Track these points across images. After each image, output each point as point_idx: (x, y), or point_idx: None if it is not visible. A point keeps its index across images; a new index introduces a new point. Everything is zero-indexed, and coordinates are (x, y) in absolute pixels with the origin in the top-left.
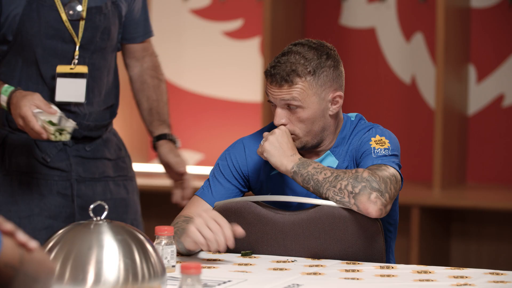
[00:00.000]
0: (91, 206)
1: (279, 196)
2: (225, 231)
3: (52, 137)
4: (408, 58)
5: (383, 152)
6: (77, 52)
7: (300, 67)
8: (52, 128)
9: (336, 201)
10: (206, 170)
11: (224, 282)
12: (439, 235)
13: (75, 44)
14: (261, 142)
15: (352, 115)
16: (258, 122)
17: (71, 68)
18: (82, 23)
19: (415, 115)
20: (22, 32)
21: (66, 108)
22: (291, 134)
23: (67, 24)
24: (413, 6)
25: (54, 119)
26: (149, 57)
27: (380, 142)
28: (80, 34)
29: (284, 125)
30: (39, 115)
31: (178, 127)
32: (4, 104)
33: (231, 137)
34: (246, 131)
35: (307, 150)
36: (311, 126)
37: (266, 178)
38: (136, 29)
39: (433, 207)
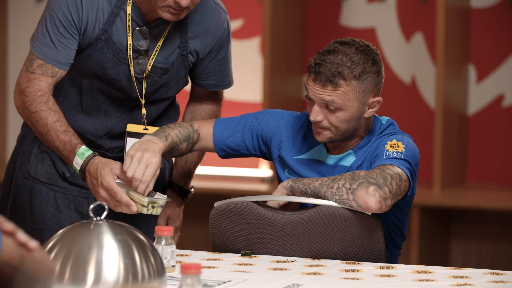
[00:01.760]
0: (91, 206)
1: (279, 196)
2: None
3: (144, 210)
4: (408, 58)
5: (394, 155)
6: (144, 111)
7: (346, 69)
8: (145, 200)
9: (335, 201)
10: (206, 170)
11: (224, 282)
12: (439, 235)
13: (126, 93)
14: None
15: (384, 118)
16: None
17: (144, 129)
18: (144, 81)
19: (415, 115)
20: (79, 58)
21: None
22: (324, 128)
23: (133, 78)
24: (413, 6)
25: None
26: (211, 101)
27: (395, 146)
28: (144, 91)
29: (320, 121)
30: (121, 186)
31: None
32: (76, 167)
33: None
34: None
35: (332, 144)
36: (346, 126)
37: (288, 157)
38: (209, 78)
39: (433, 207)
